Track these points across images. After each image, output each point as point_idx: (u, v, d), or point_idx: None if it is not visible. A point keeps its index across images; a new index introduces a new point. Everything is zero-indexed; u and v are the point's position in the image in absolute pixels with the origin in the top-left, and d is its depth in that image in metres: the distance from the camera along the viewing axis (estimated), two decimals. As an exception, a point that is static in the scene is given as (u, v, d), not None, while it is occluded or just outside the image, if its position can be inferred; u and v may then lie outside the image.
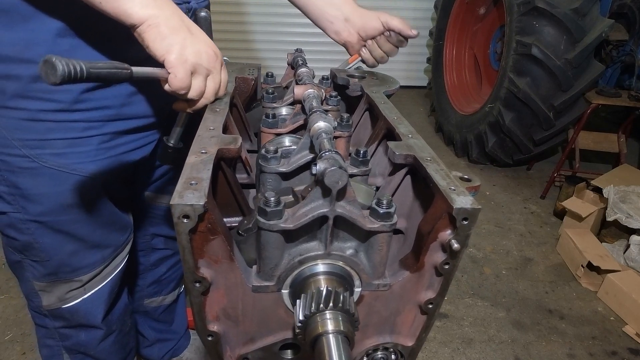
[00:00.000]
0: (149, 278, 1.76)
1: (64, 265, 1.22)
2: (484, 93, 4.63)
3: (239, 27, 5.90)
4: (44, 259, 1.19)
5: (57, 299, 1.28)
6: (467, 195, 0.73)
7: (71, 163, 1.07)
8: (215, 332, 0.81)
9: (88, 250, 1.23)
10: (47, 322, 1.35)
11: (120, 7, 0.82)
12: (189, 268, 0.71)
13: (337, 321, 0.70)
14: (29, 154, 1.03)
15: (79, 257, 1.22)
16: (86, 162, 1.09)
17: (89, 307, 1.32)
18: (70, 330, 1.37)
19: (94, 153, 1.10)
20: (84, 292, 1.29)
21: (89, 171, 1.11)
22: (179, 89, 0.88)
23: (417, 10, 6.06)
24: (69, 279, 1.25)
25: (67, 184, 1.10)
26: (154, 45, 0.84)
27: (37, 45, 0.92)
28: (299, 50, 1.49)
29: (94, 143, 1.09)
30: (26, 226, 1.13)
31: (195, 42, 0.88)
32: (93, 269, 1.27)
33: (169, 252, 1.74)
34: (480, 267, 3.03)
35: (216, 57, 0.93)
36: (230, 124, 1.05)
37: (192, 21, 0.94)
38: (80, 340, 1.39)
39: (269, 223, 0.70)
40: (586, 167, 4.12)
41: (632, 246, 2.85)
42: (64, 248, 1.19)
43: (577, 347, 2.45)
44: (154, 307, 1.84)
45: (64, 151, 1.06)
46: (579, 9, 3.42)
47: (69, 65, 0.67)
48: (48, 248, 1.17)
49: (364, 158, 0.97)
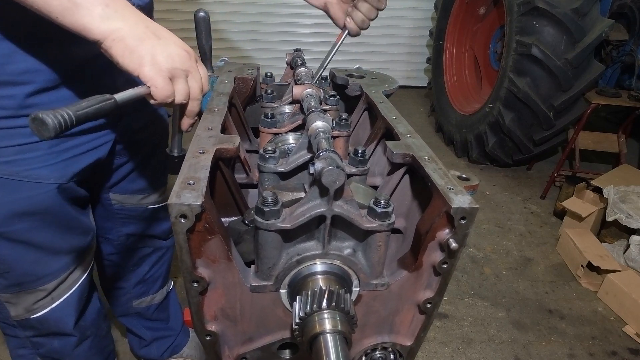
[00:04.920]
0: (132, 279, 1.74)
1: (27, 274, 1.19)
2: (484, 93, 4.63)
3: (239, 27, 5.90)
4: (3, 270, 1.16)
5: (25, 309, 1.26)
6: (465, 195, 0.73)
7: (21, 170, 1.04)
8: (214, 332, 0.81)
9: (49, 257, 1.20)
10: (17, 332, 1.33)
11: (79, 22, 0.77)
12: (187, 268, 0.71)
13: (335, 321, 0.70)
14: None
15: (40, 265, 1.20)
16: (36, 168, 1.06)
17: (58, 316, 1.30)
18: (43, 338, 1.35)
19: (44, 158, 1.07)
20: (52, 301, 1.27)
21: (40, 177, 1.07)
22: (165, 99, 0.85)
23: (417, 10, 6.06)
24: (34, 289, 1.22)
25: (19, 192, 1.06)
26: (123, 60, 0.81)
27: None
28: (298, 50, 1.49)
29: (43, 148, 1.06)
30: None
31: (165, 46, 0.84)
32: (57, 277, 1.24)
33: (148, 250, 1.72)
34: (480, 267, 3.03)
35: (189, 56, 0.89)
36: (229, 124, 1.05)
37: (150, 16, 0.89)
38: (53, 348, 1.37)
39: (267, 223, 0.70)
40: (586, 167, 4.12)
41: (632, 246, 2.85)
42: (24, 258, 1.16)
43: (577, 347, 2.45)
44: (144, 307, 1.83)
45: (13, 158, 1.03)
46: (579, 9, 3.42)
47: (56, 116, 0.67)
48: (7, 259, 1.15)
49: (362, 157, 0.97)
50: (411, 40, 6.28)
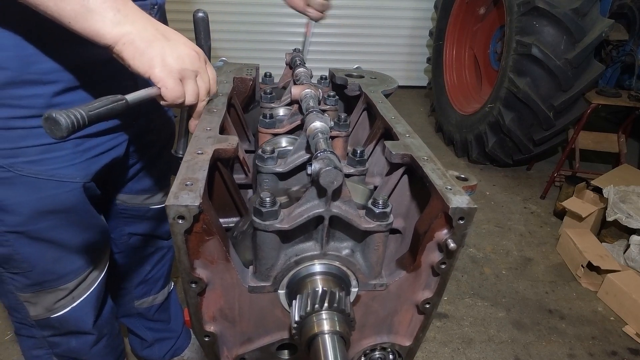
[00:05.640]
0: (135, 279, 1.75)
1: (48, 273, 1.20)
2: (484, 93, 4.63)
3: (238, 27, 5.90)
4: (26, 269, 1.17)
5: (45, 309, 1.26)
6: (463, 195, 0.73)
7: (47, 169, 1.06)
8: (212, 333, 0.81)
9: (71, 256, 1.22)
10: (34, 332, 1.33)
11: (92, 27, 0.79)
12: (185, 269, 0.71)
13: (333, 321, 0.70)
14: (3, 164, 1.01)
15: (62, 263, 1.21)
16: (62, 167, 1.08)
17: (78, 315, 1.31)
18: (60, 338, 1.35)
19: (69, 157, 1.08)
20: (73, 300, 1.28)
21: (65, 176, 1.09)
22: (175, 100, 0.87)
23: (417, 10, 6.06)
24: (55, 288, 1.23)
25: (45, 191, 1.08)
26: (134, 63, 0.82)
27: (4, 51, 0.91)
28: (297, 50, 1.49)
29: (69, 147, 1.07)
30: (4, 238, 1.11)
31: (174, 47, 0.86)
32: (78, 275, 1.25)
33: (150, 250, 1.73)
34: (480, 267, 3.03)
35: (198, 56, 0.91)
36: (228, 124, 1.05)
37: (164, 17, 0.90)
38: (71, 347, 1.37)
39: (265, 223, 0.70)
40: (586, 167, 4.11)
41: (632, 246, 2.85)
42: (46, 256, 1.17)
43: (577, 347, 2.44)
44: (146, 307, 1.83)
45: (39, 157, 1.04)
46: (579, 9, 3.41)
47: (69, 116, 0.67)
48: (30, 258, 1.16)
49: (361, 158, 0.97)
50: (411, 40, 6.28)
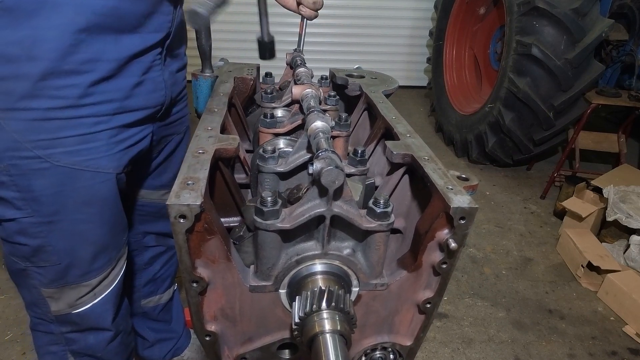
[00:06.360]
0: (144, 277, 1.75)
1: (74, 268, 1.21)
2: (484, 93, 4.63)
3: (239, 27, 5.89)
4: (55, 262, 1.18)
5: (67, 305, 1.27)
6: (464, 195, 0.73)
7: (84, 160, 1.07)
8: (213, 332, 0.81)
9: (98, 252, 1.23)
10: (52, 328, 1.34)
11: None
12: (186, 268, 0.71)
13: (334, 321, 0.70)
14: (41, 155, 1.02)
15: (89, 260, 1.22)
16: (98, 157, 1.09)
17: (99, 312, 1.32)
18: (78, 334, 1.35)
19: (105, 148, 1.10)
20: (94, 297, 1.29)
21: (100, 166, 1.10)
22: None
23: (417, 10, 6.06)
24: (78, 284, 1.24)
25: (80, 182, 1.09)
26: None
27: (45, 42, 0.92)
28: (298, 50, 1.49)
29: (104, 138, 1.09)
30: (38, 229, 1.12)
31: None
32: (101, 272, 1.26)
33: (161, 249, 1.74)
34: (480, 267, 3.03)
35: None
36: (229, 124, 1.05)
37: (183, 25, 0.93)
38: (88, 344, 1.38)
39: (266, 223, 0.70)
40: (586, 167, 4.12)
41: (632, 246, 2.85)
42: (76, 250, 1.18)
43: (577, 347, 2.45)
44: (151, 307, 1.84)
45: (76, 148, 1.05)
46: (579, 9, 3.42)
47: None
48: (60, 250, 1.16)
49: (361, 157, 0.97)
50: (411, 40, 6.28)
